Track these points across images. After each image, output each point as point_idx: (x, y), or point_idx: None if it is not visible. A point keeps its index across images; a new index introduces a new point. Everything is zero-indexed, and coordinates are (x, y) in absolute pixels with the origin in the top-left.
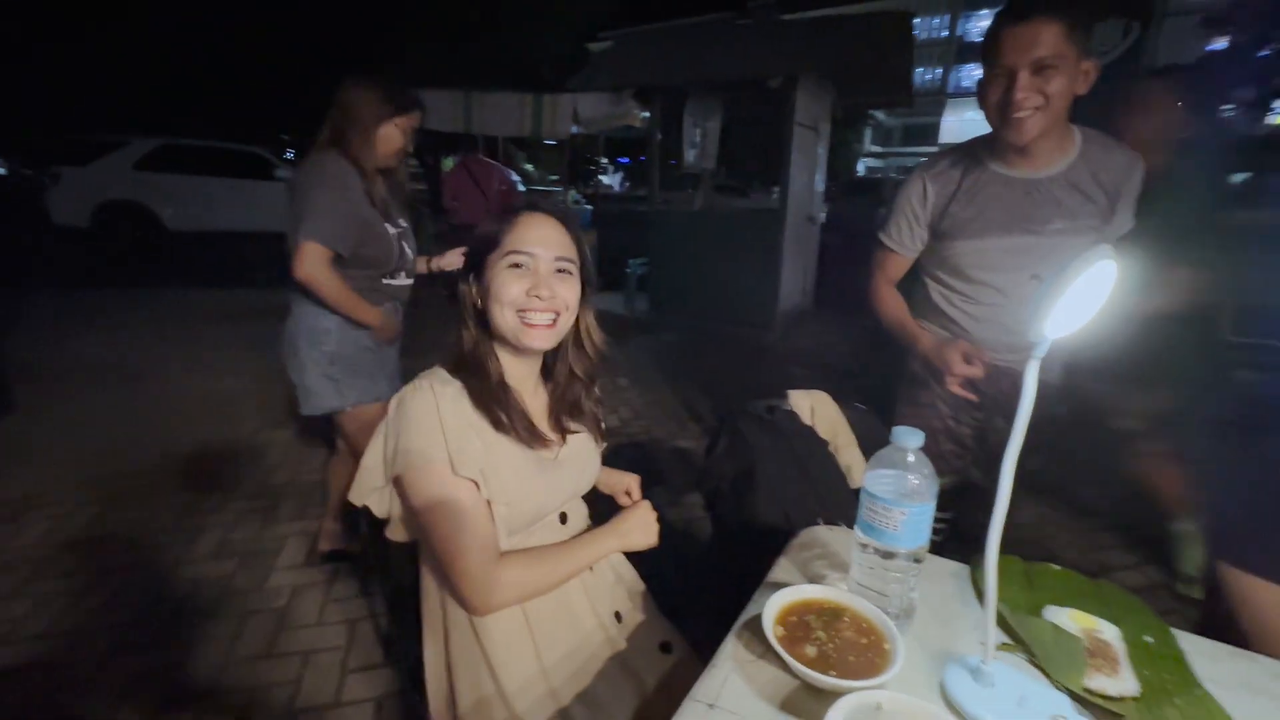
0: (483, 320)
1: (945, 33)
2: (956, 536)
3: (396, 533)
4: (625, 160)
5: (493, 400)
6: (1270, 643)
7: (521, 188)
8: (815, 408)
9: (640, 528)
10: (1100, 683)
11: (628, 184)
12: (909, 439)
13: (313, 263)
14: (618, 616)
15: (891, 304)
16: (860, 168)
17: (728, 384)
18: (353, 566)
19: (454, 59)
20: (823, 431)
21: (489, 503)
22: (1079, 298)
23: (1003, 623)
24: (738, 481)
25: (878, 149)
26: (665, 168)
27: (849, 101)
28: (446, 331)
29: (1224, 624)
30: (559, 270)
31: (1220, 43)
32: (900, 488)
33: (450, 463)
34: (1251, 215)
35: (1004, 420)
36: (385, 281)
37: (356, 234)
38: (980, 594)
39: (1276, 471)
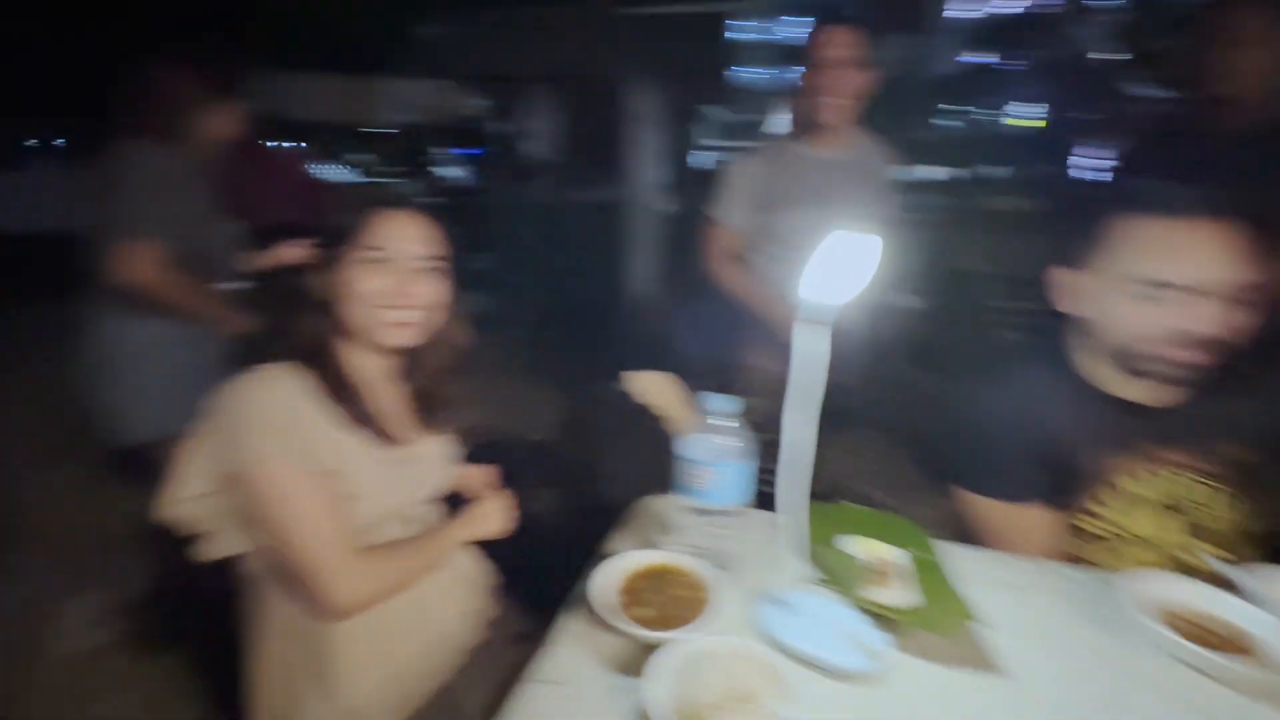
0: (331, 314)
1: (769, 36)
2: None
3: (220, 547)
4: (472, 151)
5: (343, 395)
6: (1000, 544)
7: (355, 179)
8: (649, 386)
9: (493, 514)
10: (884, 596)
11: (474, 176)
12: (718, 404)
13: (142, 265)
14: (472, 615)
15: (729, 272)
16: (702, 160)
17: (582, 375)
18: (166, 612)
19: (261, 35)
20: (659, 407)
21: (341, 499)
22: (846, 267)
23: (821, 561)
24: (589, 465)
25: (717, 142)
26: (510, 160)
27: (683, 96)
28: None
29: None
30: (424, 269)
31: (973, 56)
32: (713, 450)
33: (301, 457)
34: (1010, 202)
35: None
36: (221, 285)
37: (189, 231)
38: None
39: (999, 412)
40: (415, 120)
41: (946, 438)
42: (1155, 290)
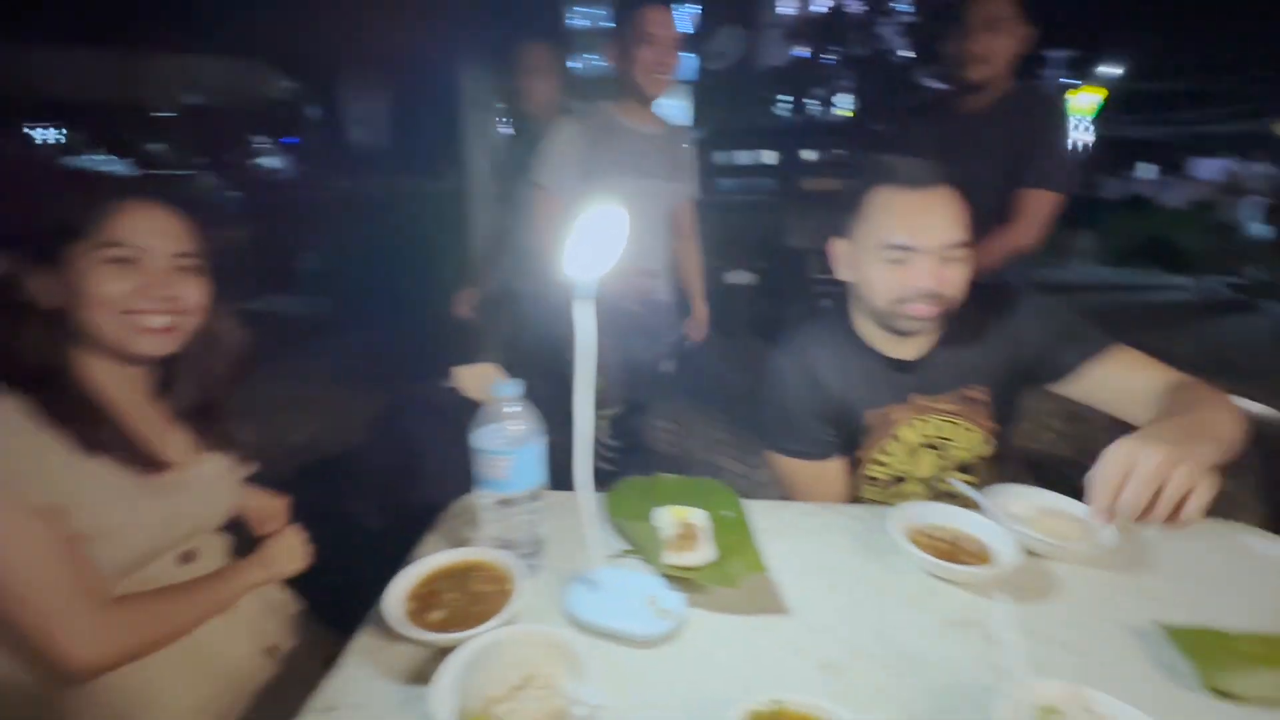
0: (63, 323)
1: (609, 23)
2: (639, 457)
3: None
4: (287, 140)
5: (76, 416)
6: (806, 497)
7: (121, 170)
8: (480, 379)
9: (287, 553)
10: (684, 558)
11: (292, 167)
12: (505, 389)
13: None
14: (272, 651)
15: (558, 242)
16: None
17: (412, 375)
18: None
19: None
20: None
21: (77, 539)
22: (601, 242)
23: (626, 534)
24: (404, 470)
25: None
26: (333, 148)
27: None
28: None
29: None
30: (180, 267)
31: (800, 50)
32: (505, 437)
33: (10, 493)
34: (826, 182)
35: (644, 341)
36: None
37: None
38: (608, 515)
39: (794, 379)
40: (213, 103)
41: (757, 405)
42: (897, 253)
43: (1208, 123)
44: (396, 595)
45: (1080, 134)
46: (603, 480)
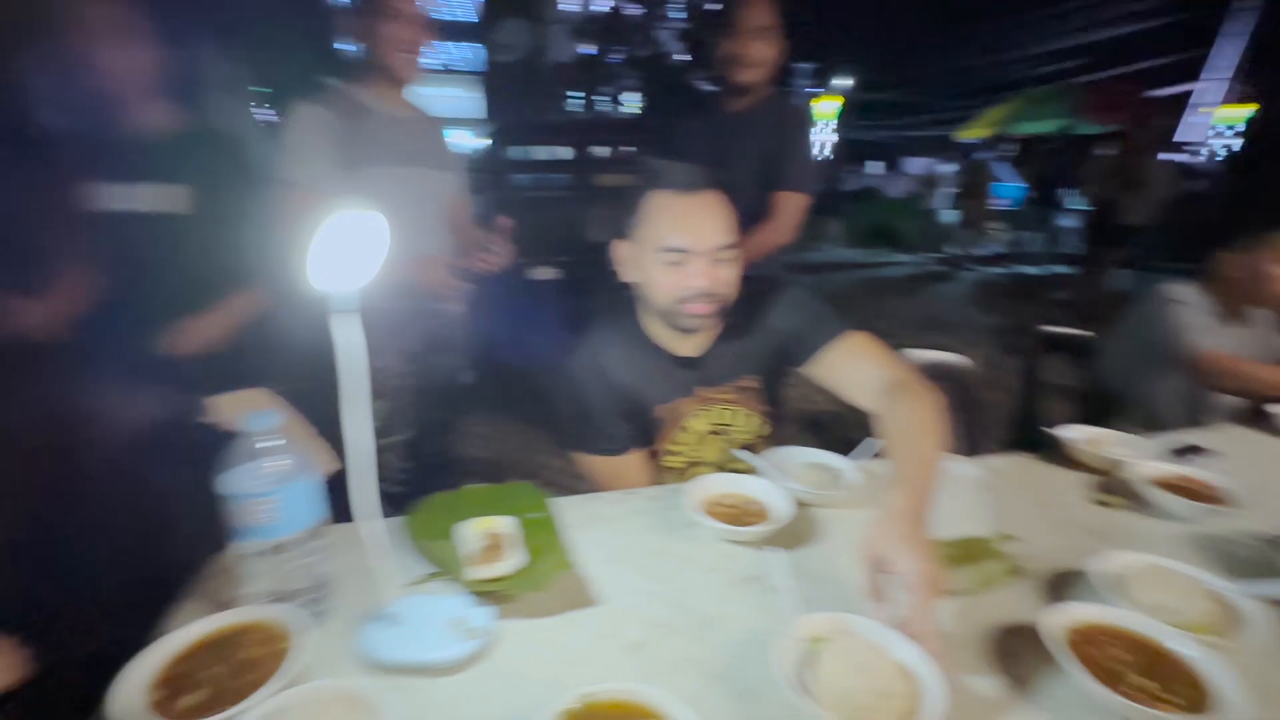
0: None
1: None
2: (441, 475)
3: None
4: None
5: None
6: (605, 489)
7: None
8: (246, 408)
9: None
10: (491, 570)
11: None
12: (259, 422)
13: None
14: None
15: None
16: None
17: (170, 409)
18: None
19: None
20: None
21: None
22: (356, 250)
23: (429, 555)
24: (145, 529)
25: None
26: (16, 136)
27: (273, 69)
28: None
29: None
30: None
31: (587, 48)
32: (264, 476)
33: None
34: (621, 179)
35: (438, 355)
36: None
37: None
38: (410, 538)
39: (588, 379)
40: None
41: (554, 406)
42: (674, 255)
43: (914, 129)
44: (134, 685)
45: (824, 136)
46: (399, 503)
